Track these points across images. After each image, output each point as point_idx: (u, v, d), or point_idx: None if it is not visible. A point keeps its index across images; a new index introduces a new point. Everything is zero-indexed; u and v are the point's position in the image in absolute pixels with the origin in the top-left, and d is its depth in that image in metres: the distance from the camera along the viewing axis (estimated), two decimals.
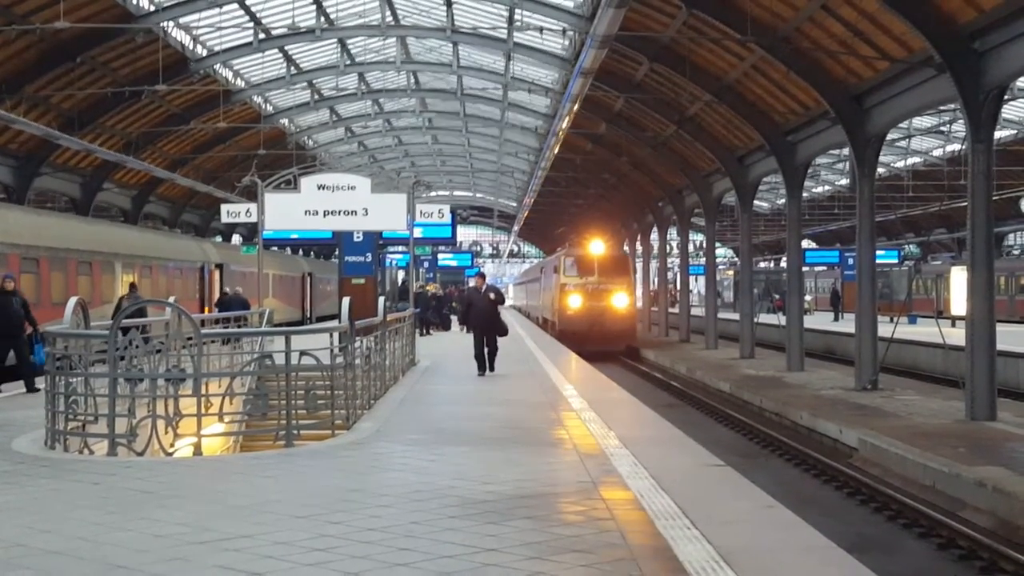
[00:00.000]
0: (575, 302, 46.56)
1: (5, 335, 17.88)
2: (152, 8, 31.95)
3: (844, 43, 24.96)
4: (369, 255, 27.05)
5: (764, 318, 47.72)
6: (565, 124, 36.66)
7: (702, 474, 11.06)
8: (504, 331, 22.81)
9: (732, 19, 25.68)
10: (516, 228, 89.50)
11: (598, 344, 43.29)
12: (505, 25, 35.83)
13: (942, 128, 46.01)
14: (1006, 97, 25.02)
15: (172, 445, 12.70)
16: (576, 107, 33.47)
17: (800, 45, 26.13)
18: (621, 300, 46.81)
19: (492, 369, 21.61)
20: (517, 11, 33.10)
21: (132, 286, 32.93)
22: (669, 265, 64.43)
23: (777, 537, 8.19)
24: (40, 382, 16.44)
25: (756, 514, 9.07)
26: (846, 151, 34.60)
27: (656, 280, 62.13)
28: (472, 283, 23.15)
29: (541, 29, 33.33)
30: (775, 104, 30.57)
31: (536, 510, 8.73)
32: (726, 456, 13.58)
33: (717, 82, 31.91)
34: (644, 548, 7.56)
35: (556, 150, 44.14)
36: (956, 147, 46.58)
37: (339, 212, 23.65)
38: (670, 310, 58.33)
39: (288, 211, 24.03)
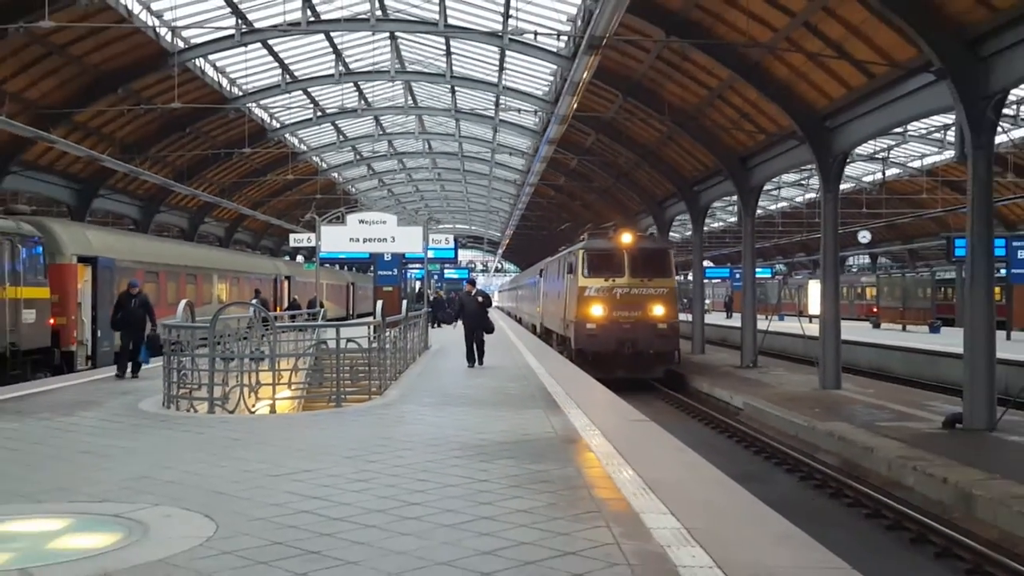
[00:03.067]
0: (597, 313, 26.00)
1: (129, 328, 16.53)
2: (240, 93, 31.89)
3: (742, 120, 24.90)
4: (395, 270, 27.07)
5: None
6: (535, 178, 36.81)
7: (634, 427, 11.10)
8: (491, 329, 19.99)
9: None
10: (500, 251, 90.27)
11: (630, 370, 25.46)
12: (493, 107, 35.90)
13: (802, 182, 46.21)
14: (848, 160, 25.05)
15: (254, 406, 12.70)
16: (543, 166, 33.61)
17: (705, 122, 26.05)
18: (661, 310, 26.08)
19: (481, 363, 19.02)
20: (502, 98, 33.22)
21: (257, 292, 33.17)
22: None
23: (686, 472, 8.22)
24: (143, 369, 16.37)
25: (671, 455, 9.10)
26: (734, 198, 34.04)
27: None
28: (464, 288, 21.62)
29: (519, 110, 33.48)
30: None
31: (515, 452, 8.75)
32: (647, 414, 13.58)
33: (643, 148, 31.91)
34: (593, 478, 7.59)
35: (527, 198, 44.20)
36: (812, 195, 46.78)
37: (374, 239, 23.87)
38: None
39: (337, 238, 24.25)
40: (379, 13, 26.25)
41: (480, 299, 19.89)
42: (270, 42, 27.99)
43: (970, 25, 14.37)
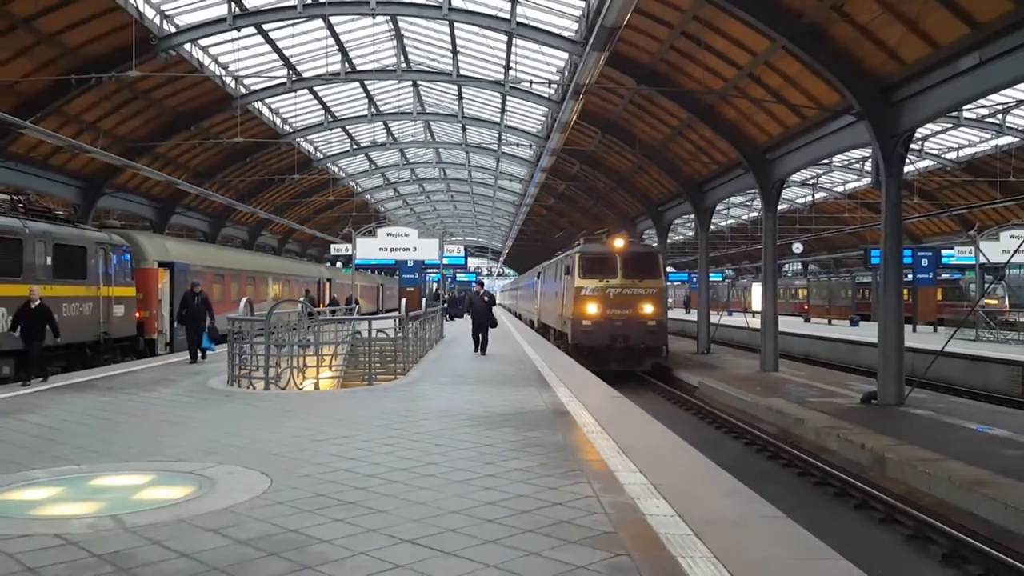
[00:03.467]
0: (592, 311, 22.85)
1: (192, 322, 16.09)
2: (291, 130, 31.87)
3: (699, 151, 24.87)
4: (417, 274, 27.01)
5: None
6: (531, 200, 36.79)
7: (611, 402, 11.08)
8: (494, 324, 19.09)
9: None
10: (501, 259, 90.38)
11: (622, 363, 22.61)
12: (496, 142, 35.90)
13: (747, 203, 46.15)
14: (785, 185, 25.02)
15: (301, 384, 12.68)
16: (537, 190, 33.61)
17: (666, 154, 26.01)
18: (651, 308, 22.87)
19: (484, 353, 18.21)
20: (503, 134, 33.22)
21: (307, 292, 33.06)
22: None
23: (654, 440, 8.21)
24: (210, 355, 16.34)
25: (641, 425, 9.10)
26: (692, 216, 33.92)
27: None
28: (473, 288, 20.92)
29: (517, 144, 33.43)
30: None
31: (514, 422, 8.74)
32: (622, 390, 13.56)
33: (618, 176, 31.89)
34: (577, 444, 7.58)
35: (524, 216, 44.01)
36: (755, 214, 46.73)
37: (399, 249, 23.95)
38: None
39: (369, 248, 24.32)
40: (404, 65, 26.27)
41: (486, 298, 19.32)
42: (315, 88, 27.99)
43: (884, 76, 14.41)
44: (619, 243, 23.68)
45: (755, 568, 4.27)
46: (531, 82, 22.67)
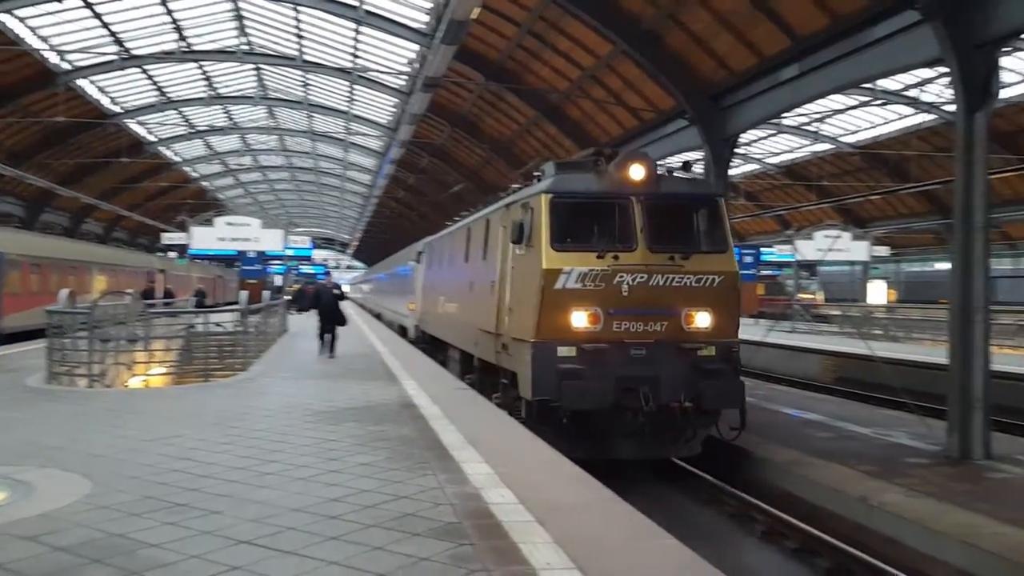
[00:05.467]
0: (580, 323, 8.29)
1: None
2: (120, 110, 29.87)
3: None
4: (259, 265, 26.07)
5: None
6: (379, 192, 36.34)
7: (457, 394, 11.12)
8: (344, 322, 16.45)
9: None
10: (350, 251, 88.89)
11: (643, 444, 8.98)
12: (344, 131, 35.21)
13: None
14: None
15: (128, 381, 11.95)
16: (386, 182, 33.28)
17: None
18: (707, 319, 8.82)
19: (333, 355, 15.41)
20: (352, 124, 32.63)
21: (150, 282, 30.84)
22: None
23: (501, 430, 8.33)
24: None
25: (487, 417, 9.20)
26: None
27: None
28: (322, 280, 19.74)
29: (366, 135, 32.98)
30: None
31: (359, 417, 8.63)
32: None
33: (468, 170, 32.03)
34: (424, 437, 7.58)
35: (373, 208, 43.42)
36: None
37: (240, 239, 22.99)
38: None
39: (206, 237, 23.29)
40: (245, 47, 25.23)
41: (336, 291, 17.13)
42: (147, 68, 26.36)
43: (714, 83, 15.26)
44: (637, 171, 9.59)
45: (591, 549, 4.44)
46: (379, 71, 22.41)
